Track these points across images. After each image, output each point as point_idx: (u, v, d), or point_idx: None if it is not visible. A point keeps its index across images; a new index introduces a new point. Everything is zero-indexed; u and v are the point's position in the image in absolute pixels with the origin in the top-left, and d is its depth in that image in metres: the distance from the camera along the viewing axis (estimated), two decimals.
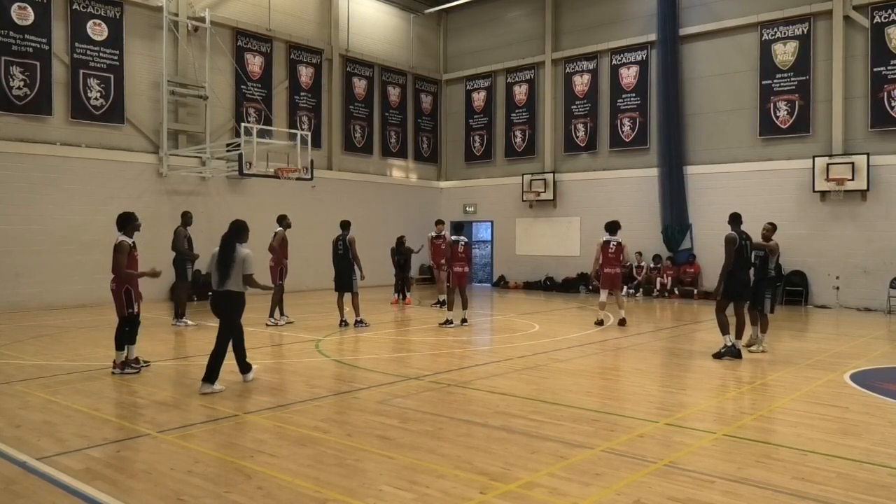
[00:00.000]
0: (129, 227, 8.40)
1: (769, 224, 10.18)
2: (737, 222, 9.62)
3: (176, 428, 5.99)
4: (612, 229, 13.04)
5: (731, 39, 18.50)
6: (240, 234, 7.59)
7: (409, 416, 6.36)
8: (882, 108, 16.13)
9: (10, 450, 5.29)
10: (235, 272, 7.42)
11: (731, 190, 18.10)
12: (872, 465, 5.04)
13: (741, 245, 9.44)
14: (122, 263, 8.13)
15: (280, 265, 12.79)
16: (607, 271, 12.97)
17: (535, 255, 22.28)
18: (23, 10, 14.97)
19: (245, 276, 7.48)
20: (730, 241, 9.39)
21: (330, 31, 21.40)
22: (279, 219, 13.02)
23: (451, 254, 12.88)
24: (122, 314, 8.28)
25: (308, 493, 4.44)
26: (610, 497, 4.39)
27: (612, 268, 12.99)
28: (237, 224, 7.65)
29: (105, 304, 15.55)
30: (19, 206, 14.89)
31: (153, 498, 4.38)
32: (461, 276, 12.81)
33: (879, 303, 15.96)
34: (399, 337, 12.03)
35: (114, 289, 8.26)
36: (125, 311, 8.27)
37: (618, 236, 12.98)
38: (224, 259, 7.44)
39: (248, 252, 7.54)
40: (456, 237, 13.06)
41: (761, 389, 7.72)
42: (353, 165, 22.07)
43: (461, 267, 12.80)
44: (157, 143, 17.21)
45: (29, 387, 7.53)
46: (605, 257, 12.93)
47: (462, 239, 12.98)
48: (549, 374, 8.41)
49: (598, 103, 21.00)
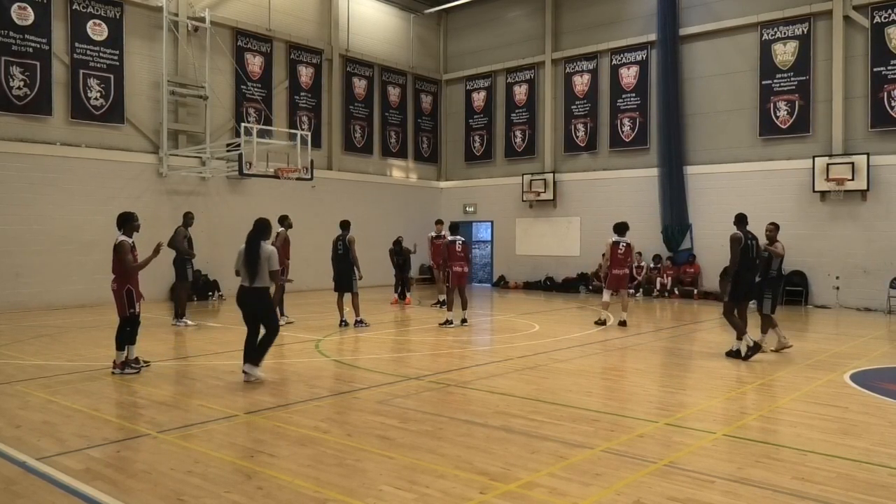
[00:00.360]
0: (129, 226, 8.39)
1: (772, 224, 10.13)
2: (742, 223, 9.57)
3: (176, 428, 5.99)
4: (622, 230, 13.01)
5: (731, 39, 18.50)
6: (264, 232, 8.01)
7: (409, 416, 6.36)
8: (882, 108, 16.13)
9: (10, 450, 5.29)
10: (262, 269, 7.83)
11: (731, 190, 18.11)
12: (872, 465, 5.04)
13: (746, 245, 9.38)
14: (126, 262, 8.15)
15: (282, 265, 12.80)
16: (616, 272, 12.96)
17: (535, 255, 22.28)
18: (23, 10, 14.97)
19: (270, 272, 7.89)
20: (735, 241, 9.34)
21: (330, 31, 21.40)
22: (281, 219, 13.07)
23: (449, 253, 12.89)
24: (123, 314, 8.27)
25: (308, 493, 4.44)
26: (610, 497, 4.39)
27: (621, 269, 13.01)
28: (261, 222, 8.06)
29: (105, 304, 15.55)
30: (19, 206, 14.89)
31: (153, 498, 4.38)
32: (460, 275, 12.81)
33: (879, 303, 15.96)
34: (399, 337, 12.03)
35: (115, 289, 8.25)
36: (126, 312, 8.27)
37: (626, 237, 12.99)
38: (251, 257, 7.83)
39: (272, 249, 7.95)
40: (452, 237, 13.08)
41: (761, 389, 7.72)
42: (353, 165, 22.08)
43: (460, 267, 12.80)
44: (157, 143, 17.21)
45: (29, 387, 7.53)
46: (615, 258, 12.90)
47: (459, 238, 12.99)
48: (549, 374, 8.41)
49: (598, 103, 21.00)
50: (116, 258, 8.21)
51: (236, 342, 10.69)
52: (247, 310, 7.97)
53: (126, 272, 8.19)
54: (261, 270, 7.81)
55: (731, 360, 9.28)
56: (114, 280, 8.27)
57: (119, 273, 8.22)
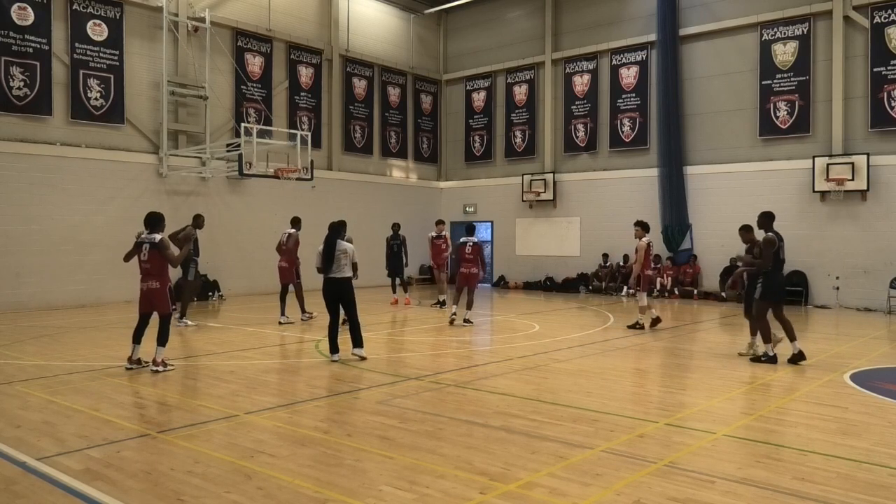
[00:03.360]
0: (162, 226, 8.57)
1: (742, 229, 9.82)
2: (770, 220, 9.25)
3: (176, 428, 5.99)
4: (649, 228, 12.84)
5: (731, 39, 18.50)
6: (339, 232, 9.22)
7: (409, 416, 6.36)
8: (882, 108, 16.13)
9: (10, 450, 5.30)
10: (340, 261, 9.05)
11: (731, 190, 18.11)
12: (872, 465, 5.04)
13: (779, 246, 9.12)
14: (171, 256, 8.42)
15: (295, 265, 13.35)
16: (648, 273, 12.93)
17: (534, 256, 22.28)
18: (23, 10, 14.97)
19: (353, 264, 9.15)
20: (769, 244, 8.99)
21: (330, 32, 21.40)
22: (294, 221, 13.55)
23: (459, 255, 13.02)
24: (167, 311, 8.46)
25: (308, 493, 4.44)
26: (610, 497, 4.39)
27: (649, 269, 13.10)
28: (335, 224, 9.29)
29: (105, 304, 15.60)
30: (19, 206, 14.89)
31: (153, 498, 4.38)
32: (468, 277, 12.87)
33: (879, 303, 15.96)
34: (399, 337, 12.03)
35: (157, 287, 8.37)
36: (170, 308, 8.52)
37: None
38: (329, 252, 9.03)
39: (348, 244, 9.19)
40: (465, 238, 13.15)
41: (761, 389, 7.72)
42: (352, 165, 22.08)
43: (467, 268, 12.85)
44: (157, 144, 17.21)
45: (29, 387, 7.53)
46: (647, 258, 12.71)
47: (471, 240, 13.02)
48: (549, 374, 8.41)
49: (598, 103, 21.00)
50: (161, 255, 8.31)
51: (236, 342, 10.71)
52: (330, 297, 9.10)
53: (166, 269, 8.42)
54: (338, 263, 9.00)
55: (731, 361, 9.27)
56: (153, 279, 8.36)
57: (160, 270, 8.36)
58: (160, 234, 8.43)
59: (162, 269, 8.39)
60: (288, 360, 9.54)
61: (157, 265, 8.34)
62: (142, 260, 8.38)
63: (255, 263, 18.58)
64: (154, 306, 8.44)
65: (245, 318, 13.83)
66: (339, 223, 9.35)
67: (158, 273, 8.37)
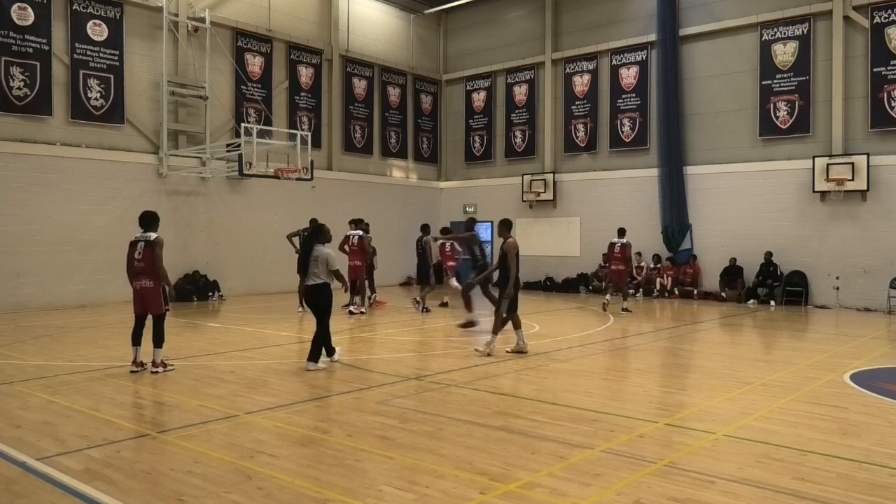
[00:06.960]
0: (157, 224, 8.55)
1: (500, 223, 10.01)
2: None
3: (176, 428, 5.99)
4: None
5: (731, 39, 18.50)
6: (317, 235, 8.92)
7: (409, 416, 6.36)
8: (882, 108, 16.13)
9: (10, 450, 5.30)
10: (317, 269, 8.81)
11: (731, 190, 18.12)
12: (872, 466, 5.04)
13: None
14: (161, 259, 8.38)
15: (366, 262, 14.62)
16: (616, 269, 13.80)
17: (534, 256, 22.24)
18: (23, 10, 14.96)
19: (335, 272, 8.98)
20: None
21: (330, 32, 21.40)
22: (357, 222, 14.81)
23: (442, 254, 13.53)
24: (160, 311, 8.41)
25: (308, 494, 4.44)
26: (610, 497, 4.39)
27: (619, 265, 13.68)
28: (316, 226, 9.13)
29: (105, 304, 15.59)
30: (19, 206, 14.88)
31: (153, 498, 4.38)
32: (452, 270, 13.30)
33: (879, 303, 15.96)
34: (399, 337, 12.03)
35: (151, 286, 8.33)
36: (163, 308, 8.45)
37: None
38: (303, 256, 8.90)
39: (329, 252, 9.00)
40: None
41: (761, 389, 7.72)
42: (352, 165, 22.08)
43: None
44: (157, 144, 17.21)
45: (29, 387, 7.53)
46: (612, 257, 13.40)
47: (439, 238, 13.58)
48: (549, 374, 8.41)
49: (598, 103, 21.00)
50: (155, 254, 8.28)
51: (236, 342, 10.71)
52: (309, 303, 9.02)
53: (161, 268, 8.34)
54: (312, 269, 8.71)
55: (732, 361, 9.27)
56: (147, 278, 8.32)
57: (154, 270, 8.30)
58: (155, 233, 8.42)
59: (155, 268, 8.30)
60: (288, 360, 9.54)
61: (150, 264, 8.30)
62: (136, 258, 8.34)
63: (255, 263, 18.60)
64: (147, 306, 8.38)
65: (245, 318, 13.82)
66: (317, 227, 9.13)
67: (151, 272, 8.31)
